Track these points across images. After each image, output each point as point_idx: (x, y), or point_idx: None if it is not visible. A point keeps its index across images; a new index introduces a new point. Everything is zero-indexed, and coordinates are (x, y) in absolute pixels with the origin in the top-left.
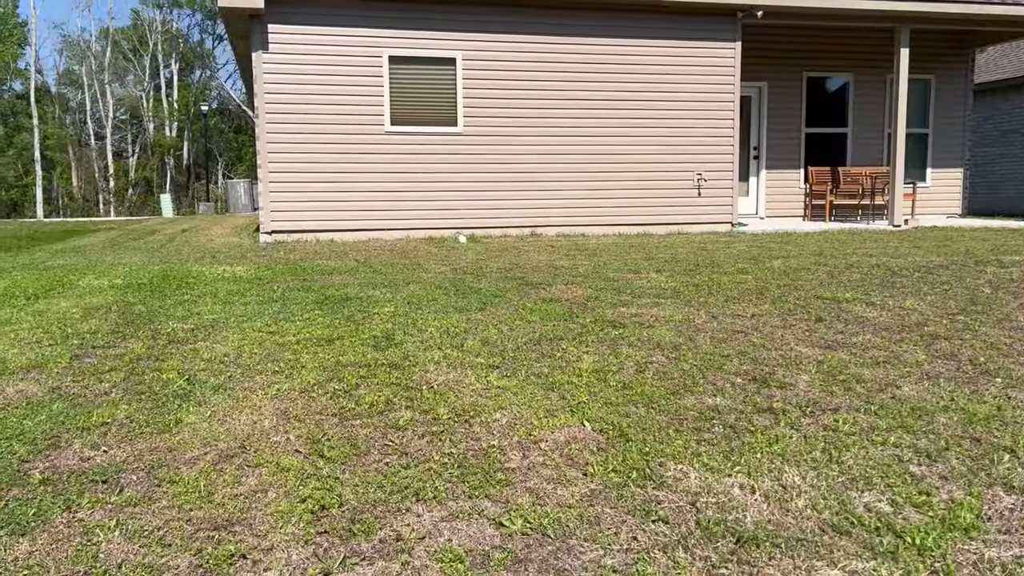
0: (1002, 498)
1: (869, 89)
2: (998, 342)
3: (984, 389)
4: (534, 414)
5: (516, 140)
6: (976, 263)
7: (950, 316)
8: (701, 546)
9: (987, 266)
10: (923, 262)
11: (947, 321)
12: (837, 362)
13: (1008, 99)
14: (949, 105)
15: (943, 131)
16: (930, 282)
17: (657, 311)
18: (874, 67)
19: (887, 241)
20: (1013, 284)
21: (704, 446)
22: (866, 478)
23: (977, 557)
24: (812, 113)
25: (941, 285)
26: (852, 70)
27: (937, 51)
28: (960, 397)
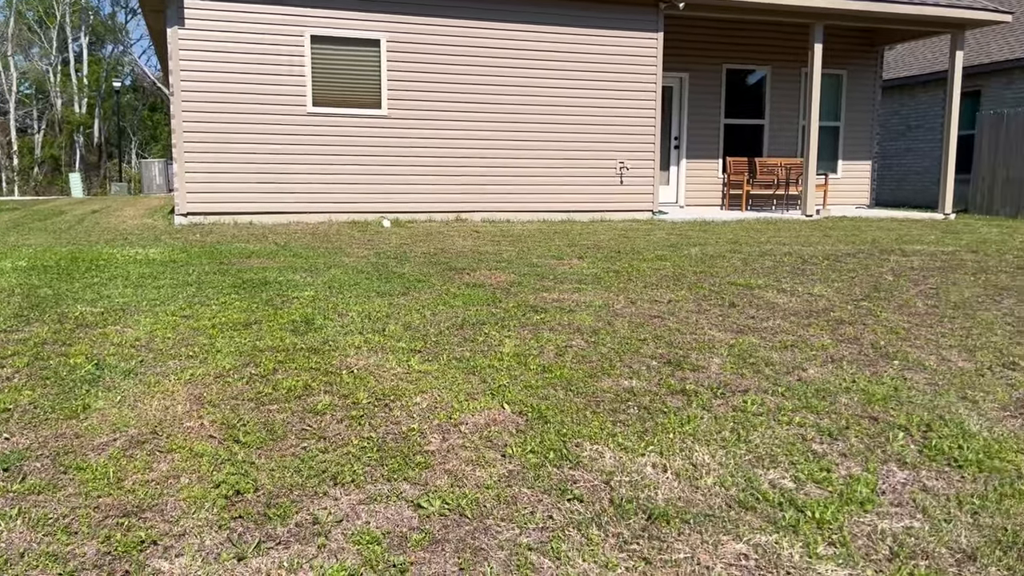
0: (896, 473)
1: (785, 82)
2: (898, 327)
3: (883, 371)
4: (455, 397)
5: (442, 125)
6: (881, 252)
7: (855, 302)
8: (614, 523)
9: (891, 255)
10: (832, 250)
11: (852, 307)
12: (748, 346)
13: (914, 96)
14: (859, 100)
15: (854, 125)
16: (838, 270)
17: (578, 296)
18: (790, 61)
19: (799, 230)
20: (914, 272)
21: (619, 427)
22: (771, 456)
23: (871, 529)
24: (731, 104)
25: (848, 273)
26: (769, 63)
27: (849, 48)
28: (861, 379)
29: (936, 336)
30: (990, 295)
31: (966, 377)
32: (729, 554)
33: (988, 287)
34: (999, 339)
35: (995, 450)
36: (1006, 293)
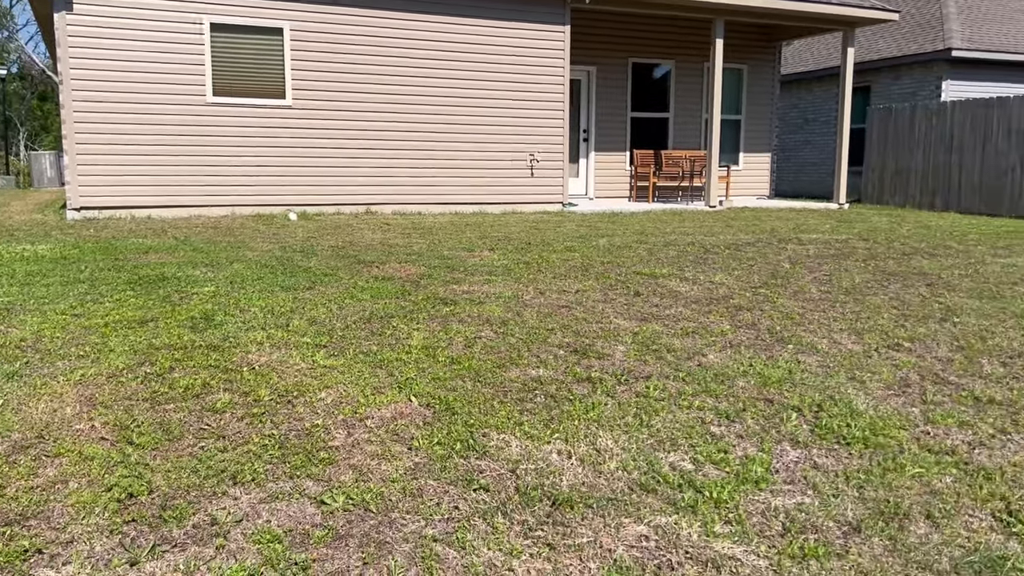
0: (789, 452)
1: (689, 76)
2: (793, 312)
3: (778, 355)
4: (361, 392)
5: (350, 116)
6: (779, 240)
7: (753, 289)
8: (519, 511)
9: (788, 243)
10: (733, 240)
11: (750, 294)
12: (651, 333)
13: (811, 90)
14: (759, 94)
15: (754, 118)
16: (738, 258)
17: (488, 288)
18: (693, 56)
19: (703, 221)
20: (809, 260)
21: (526, 416)
22: (672, 439)
23: (765, 506)
24: (637, 98)
25: (747, 261)
26: (674, 58)
27: (749, 43)
28: (757, 363)
29: (828, 320)
30: (878, 281)
31: (855, 359)
32: (631, 536)
33: (877, 273)
34: (886, 322)
35: (880, 427)
36: (893, 278)
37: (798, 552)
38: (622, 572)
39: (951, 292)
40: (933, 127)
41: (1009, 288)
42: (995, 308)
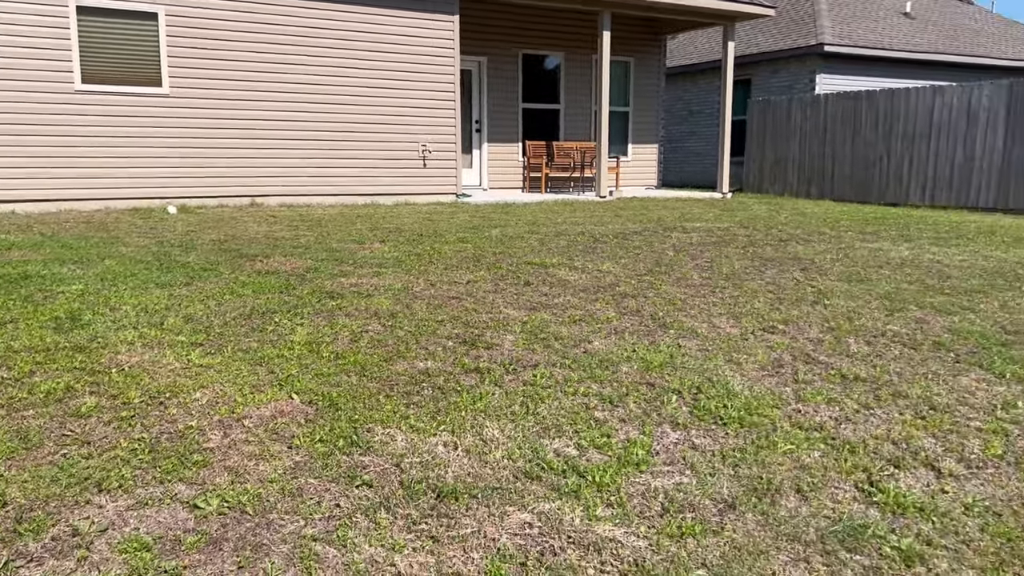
0: (669, 434)
1: (578, 68)
2: (675, 298)
3: (661, 340)
4: (239, 391)
5: (233, 104)
6: (664, 229)
7: (639, 277)
8: (403, 505)
9: (673, 232)
10: (621, 229)
11: (636, 281)
12: (540, 322)
13: (695, 83)
14: (646, 86)
15: (641, 110)
16: (625, 247)
17: (377, 280)
18: (582, 48)
19: (593, 210)
20: (692, 247)
21: (413, 409)
22: (557, 426)
23: (646, 488)
24: (529, 89)
25: (634, 249)
26: (563, 50)
27: (635, 36)
28: (641, 348)
29: (708, 305)
30: (756, 266)
31: (732, 342)
32: (514, 524)
33: (755, 259)
34: (762, 306)
35: (754, 407)
36: (770, 264)
37: (676, 531)
38: (505, 560)
39: (823, 276)
40: (808, 119)
41: (875, 271)
42: (862, 290)
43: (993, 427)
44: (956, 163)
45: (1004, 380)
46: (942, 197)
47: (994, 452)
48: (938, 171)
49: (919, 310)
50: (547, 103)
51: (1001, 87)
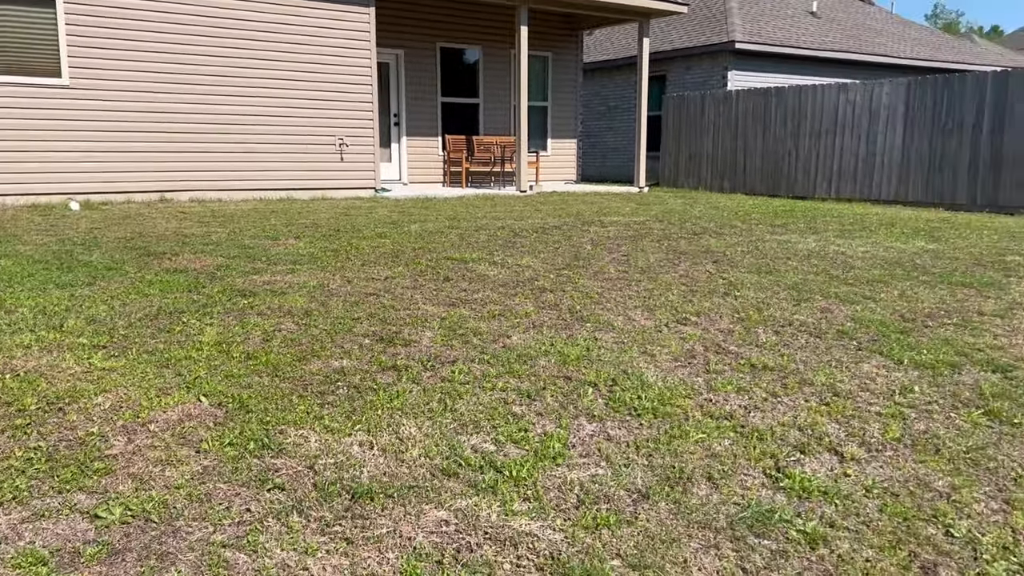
0: (585, 426)
1: (497, 63)
2: (592, 292)
3: (578, 333)
4: (144, 394)
5: (140, 96)
6: (583, 223)
7: (557, 271)
8: (317, 507)
9: (591, 226)
10: (541, 224)
11: (554, 275)
12: (458, 318)
13: (612, 78)
14: (564, 81)
15: (560, 105)
16: (545, 241)
17: (292, 278)
18: (501, 42)
19: (514, 205)
20: (610, 241)
21: (327, 409)
22: (475, 422)
23: (562, 480)
24: (447, 83)
25: (553, 244)
26: (482, 43)
27: (553, 31)
28: (558, 342)
29: (624, 298)
30: (671, 259)
31: (647, 334)
32: (431, 522)
33: (670, 252)
34: (675, 298)
35: (668, 397)
36: (684, 257)
37: (591, 522)
38: (421, 559)
39: (734, 268)
40: (721, 114)
41: (783, 263)
42: (771, 282)
43: (892, 411)
44: (860, 157)
45: (902, 366)
46: (847, 190)
47: (893, 435)
48: (843, 165)
49: (824, 300)
50: (466, 97)
51: (900, 85)
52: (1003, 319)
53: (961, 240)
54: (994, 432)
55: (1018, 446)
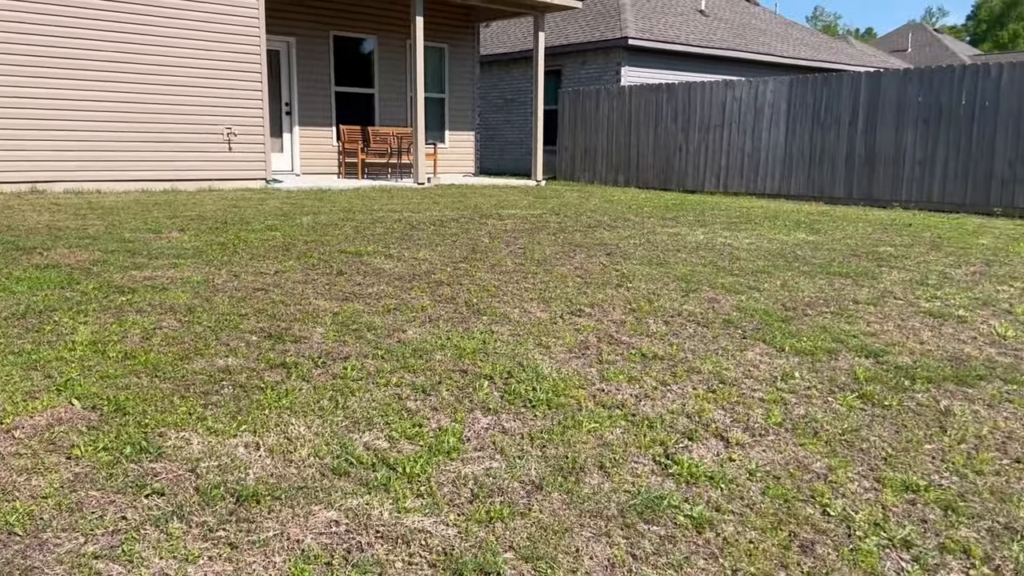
0: (480, 420)
1: (393, 53)
2: (489, 285)
3: (474, 326)
4: (9, 399)
5: (7, 82)
6: (481, 216)
7: (454, 264)
8: (198, 512)
9: (489, 219)
10: (439, 216)
11: (451, 268)
12: (352, 312)
13: (510, 71)
14: (461, 73)
15: (457, 97)
16: (442, 234)
17: (174, 273)
18: (396, 32)
19: (411, 197)
20: (507, 234)
21: (211, 409)
22: (368, 419)
23: (456, 475)
24: (342, 72)
25: (451, 237)
26: (377, 33)
27: (449, 23)
28: (455, 335)
29: (521, 291)
30: (566, 252)
31: (542, 326)
32: (320, 523)
33: (565, 245)
34: (570, 290)
35: (562, 388)
36: (579, 250)
37: (485, 516)
38: (310, 562)
39: (627, 260)
40: (615, 109)
41: (674, 255)
42: (661, 273)
43: (774, 397)
44: (746, 153)
45: (784, 353)
46: (734, 184)
47: (775, 420)
48: (731, 160)
49: (711, 290)
50: (362, 87)
51: (783, 83)
52: (876, 307)
53: (839, 232)
54: (867, 414)
55: (888, 427)
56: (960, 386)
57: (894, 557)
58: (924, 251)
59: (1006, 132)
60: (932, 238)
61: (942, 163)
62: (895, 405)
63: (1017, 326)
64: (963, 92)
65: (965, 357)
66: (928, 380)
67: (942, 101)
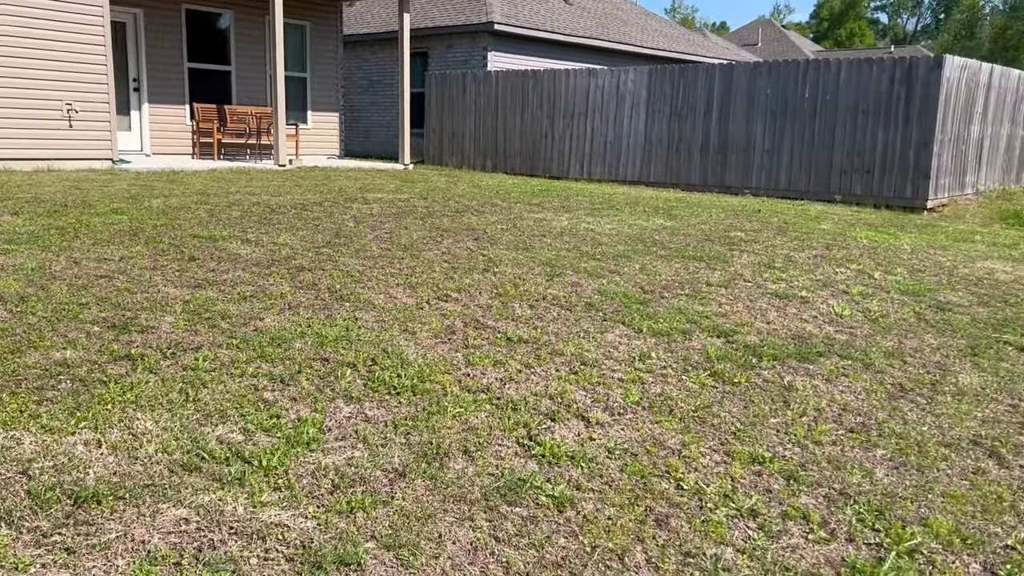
0: (342, 409)
1: (251, 29)
2: (353, 270)
3: (337, 313)
4: None
5: None
6: (346, 200)
7: (316, 249)
8: (31, 517)
9: (354, 203)
10: (301, 199)
11: (313, 254)
12: (205, 300)
13: (375, 52)
14: (323, 52)
15: (320, 76)
16: (304, 218)
17: (5, 259)
18: (254, 8)
19: (272, 180)
20: (373, 218)
21: (46, 406)
22: (222, 412)
23: (316, 466)
24: (196, 48)
25: (313, 221)
26: (233, 8)
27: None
28: (316, 323)
29: (386, 276)
30: (433, 237)
31: (408, 311)
32: (169, 522)
33: (433, 230)
34: (437, 275)
35: (427, 374)
36: (446, 235)
37: (346, 507)
38: (156, 563)
39: (493, 245)
40: (482, 94)
41: (539, 240)
42: (527, 258)
43: (632, 377)
44: (608, 140)
45: (642, 335)
46: (597, 171)
47: (633, 399)
48: (594, 147)
49: (575, 275)
50: (218, 64)
51: (643, 73)
52: (727, 288)
53: (694, 218)
54: (718, 392)
55: (737, 403)
56: (802, 362)
57: (741, 526)
58: (771, 236)
59: (844, 125)
60: (779, 223)
61: (788, 153)
62: (744, 382)
63: (852, 305)
64: (807, 86)
65: (807, 335)
66: (774, 357)
67: (788, 94)
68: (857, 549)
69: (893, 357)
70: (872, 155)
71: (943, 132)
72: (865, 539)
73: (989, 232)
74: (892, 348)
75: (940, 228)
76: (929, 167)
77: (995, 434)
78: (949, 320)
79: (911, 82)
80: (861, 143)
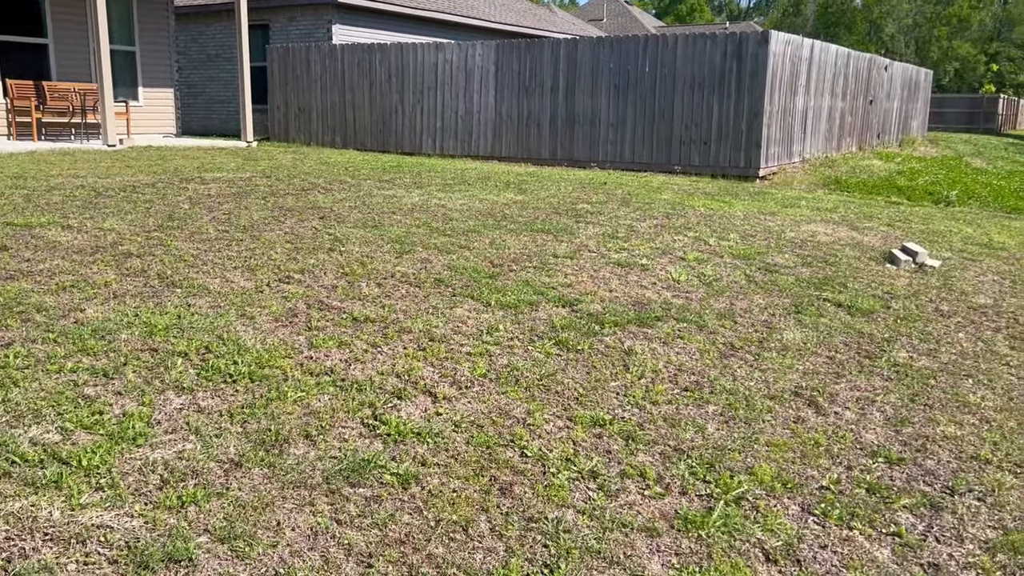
0: (172, 400)
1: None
2: (187, 255)
3: (168, 301)
4: None
5: None
6: (181, 180)
7: (147, 233)
8: None
9: (191, 183)
10: (131, 181)
11: (143, 238)
12: (17, 292)
13: (210, 25)
14: (153, 25)
15: (151, 51)
16: (134, 201)
17: None
18: None
19: (99, 161)
20: (211, 199)
21: None
22: (36, 411)
23: (143, 462)
24: (4, 19)
25: (144, 203)
26: None
27: None
28: (144, 312)
29: (223, 260)
30: (276, 217)
31: (247, 295)
32: None
33: (276, 209)
34: (279, 257)
35: (266, 359)
36: (290, 214)
37: (176, 502)
38: None
39: (340, 224)
40: (328, 69)
41: (388, 217)
42: (376, 236)
43: (480, 350)
44: (459, 115)
45: (490, 308)
46: (450, 147)
47: (480, 372)
48: (446, 123)
49: (425, 251)
50: (31, 36)
51: (491, 48)
52: (572, 260)
53: (543, 191)
54: (562, 359)
55: (580, 370)
56: (641, 327)
57: (583, 487)
58: (616, 207)
59: (683, 98)
60: (623, 195)
61: (632, 126)
62: (587, 349)
63: (689, 271)
64: (647, 60)
65: (646, 301)
66: (615, 324)
67: (630, 68)
68: (689, 501)
69: (725, 318)
70: (709, 127)
71: (771, 104)
72: (697, 491)
73: (813, 197)
74: (724, 309)
75: (770, 195)
76: (760, 137)
77: (814, 384)
78: (776, 281)
79: (742, 56)
80: (698, 115)
